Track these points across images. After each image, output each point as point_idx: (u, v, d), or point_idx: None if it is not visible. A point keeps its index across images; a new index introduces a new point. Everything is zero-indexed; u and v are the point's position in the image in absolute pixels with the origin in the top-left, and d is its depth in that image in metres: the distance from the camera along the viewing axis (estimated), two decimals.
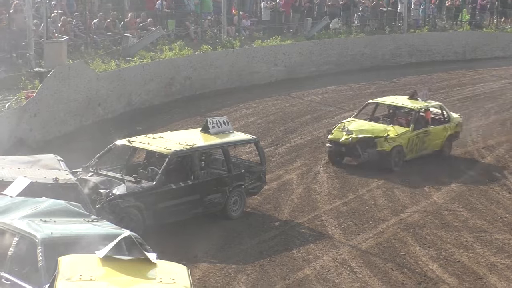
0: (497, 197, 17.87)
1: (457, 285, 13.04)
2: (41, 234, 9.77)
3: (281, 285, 12.66)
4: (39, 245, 9.60)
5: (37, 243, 9.65)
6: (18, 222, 10.16)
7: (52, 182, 12.15)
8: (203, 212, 15.11)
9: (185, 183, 14.81)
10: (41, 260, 9.46)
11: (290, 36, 32.96)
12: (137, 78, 24.12)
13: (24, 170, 12.51)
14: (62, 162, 13.35)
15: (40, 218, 10.27)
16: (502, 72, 35.71)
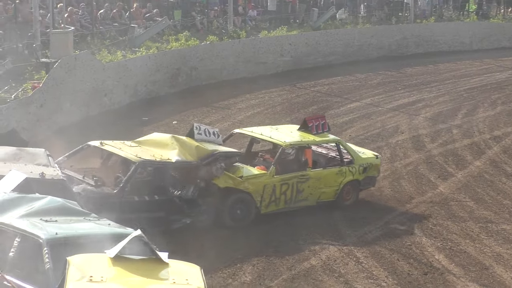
0: (503, 188, 17.84)
1: (463, 276, 13.02)
2: (45, 234, 9.34)
3: (287, 275, 12.65)
4: (44, 246, 9.20)
5: (42, 244, 9.24)
6: (18, 222, 9.72)
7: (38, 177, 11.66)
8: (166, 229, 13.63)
9: (151, 197, 13.76)
10: (48, 262, 9.07)
11: (296, 27, 32.98)
12: (143, 68, 24.12)
13: (10, 164, 12.09)
14: (50, 157, 12.97)
15: (40, 217, 9.86)
16: (509, 62, 35.74)
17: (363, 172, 16.15)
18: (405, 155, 20.02)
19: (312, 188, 15.46)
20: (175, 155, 14.04)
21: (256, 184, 14.70)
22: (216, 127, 19.27)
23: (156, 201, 13.74)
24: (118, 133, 18.83)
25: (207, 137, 14.92)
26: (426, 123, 23.51)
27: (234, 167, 14.79)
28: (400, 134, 22.13)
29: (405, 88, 28.73)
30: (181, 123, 21.68)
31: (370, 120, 23.64)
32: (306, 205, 15.50)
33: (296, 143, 15.62)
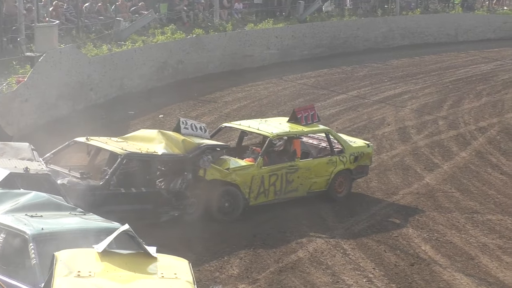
0: (489, 178, 17.93)
1: (449, 266, 13.07)
2: (31, 230, 9.24)
3: (275, 268, 12.67)
4: (30, 242, 9.11)
5: (28, 239, 9.15)
6: (3, 218, 9.58)
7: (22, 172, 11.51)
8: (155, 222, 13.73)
9: (138, 190, 13.75)
10: (35, 258, 9.00)
11: (282, 19, 33.00)
12: (129, 62, 24.09)
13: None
14: (35, 152, 12.86)
15: (25, 212, 9.77)
16: (494, 54, 35.88)
17: (354, 161, 16.13)
18: (391, 147, 20.09)
19: (302, 179, 15.42)
20: (162, 148, 14.07)
21: (243, 175, 14.69)
22: (202, 121, 19.39)
23: (143, 193, 13.74)
24: (104, 127, 18.84)
25: (194, 131, 14.93)
26: (412, 115, 23.57)
27: (221, 159, 14.82)
28: (387, 126, 22.20)
29: (391, 80, 28.79)
30: (168, 117, 21.66)
31: (356, 112, 23.67)
32: (296, 195, 15.47)
33: (283, 134, 15.64)
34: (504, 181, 17.75)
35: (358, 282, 12.33)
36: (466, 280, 12.56)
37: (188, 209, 14.17)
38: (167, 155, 14.06)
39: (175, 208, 14.00)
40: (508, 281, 12.54)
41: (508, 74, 30.63)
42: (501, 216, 15.53)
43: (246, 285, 12.02)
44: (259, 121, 16.49)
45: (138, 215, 13.27)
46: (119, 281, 7.55)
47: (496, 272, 12.88)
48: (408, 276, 12.62)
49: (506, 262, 13.29)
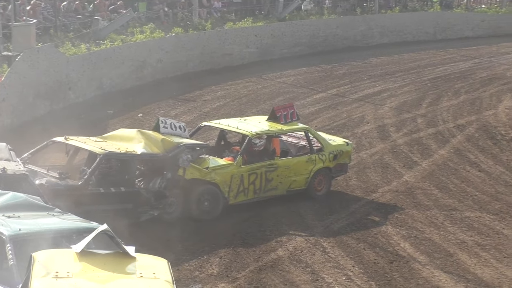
0: (467, 176, 18.02)
1: (428, 263, 13.13)
2: (9, 231, 9.16)
3: (254, 266, 12.68)
4: (8, 243, 9.01)
5: (5, 240, 9.03)
6: None
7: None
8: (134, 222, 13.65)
9: (117, 190, 13.69)
10: (12, 259, 8.88)
11: (261, 18, 33.05)
12: (108, 61, 24.02)
13: None
14: (12, 152, 12.71)
15: (2, 213, 9.67)
16: (472, 52, 36.10)
17: (334, 159, 16.16)
18: (370, 145, 20.16)
19: (282, 177, 15.43)
20: (141, 148, 14.04)
21: (223, 174, 14.68)
22: (182, 120, 19.37)
23: (122, 193, 13.71)
24: (83, 127, 18.78)
25: (173, 130, 14.92)
26: (391, 113, 23.65)
27: (200, 159, 14.81)
28: (366, 124, 22.26)
29: (370, 78, 28.88)
30: (147, 116, 21.64)
31: (336, 110, 23.72)
32: (276, 194, 15.49)
33: (263, 133, 15.64)
34: (482, 179, 17.84)
35: (338, 280, 12.35)
36: (444, 277, 12.63)
37: (168, 208, 14.15)
38: (147, 154, 14.04)
39: (155, 208, 13.97)
40: (486, 278, 12.63)
41: (486, 72, 30.83)
42: (479, 213, 15.62)
43: (226, 284, 12.02)
44: (239, 120, 16.50)
45: (117, 215, 13.19)
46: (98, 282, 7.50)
47: (475, 269, 12.96)
48: (387, 274, 12.65)
49: (484, 258, 13.37)
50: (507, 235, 14.49)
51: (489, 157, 19.52)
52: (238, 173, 14.84)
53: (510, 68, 31.75)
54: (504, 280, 12.59)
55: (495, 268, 13.02)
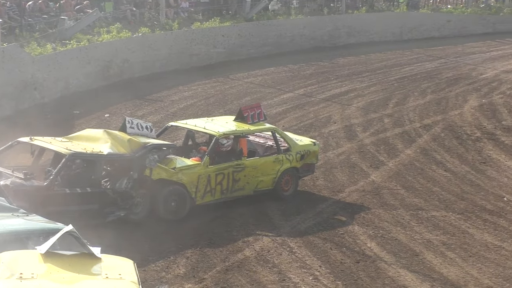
0: (433, 175, 18.16)
1: (394, 263, 13.20)
2: None
3: (221, 267, 12.70)
4: None
5: None
6: None
7: None
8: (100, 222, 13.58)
9: (83, 190, 13.65)
10: None
11: (229, 18, 33.06)
12: (74, 61, 23.92)
13: None
14: None
15: None
16: (438, 52, 36.41)
17: (301, 159, 16.20)
18: (337, 145, 20.24)
19: (249, 177, 15.45)
20: (107, 148, 14.00)
21: (189, 175, 14.65)
22: (149, 120, 19.32)
23: (88, 193, 13.65)
24: (49, 127, 18.69)
25: (140, 131, 14.88)
26: (358, 113, 23.78)
27: (167, 159, 14.78)
28: (333, 124, 22.35)
29: (337, 78, 29.01)
30: (114, 116, 21.59)
31: (303, 110, 23.81)
32: (243, 194, 15.49)
33: (230, 133, 15.65)
34: (448, 178, 17.99)
35: (304, 280, 12.40)
36: (410, 276, 12.69)
37: (134, 209, 14.10)
38: (113, 154, 14.00)
39: (121, 208, 13.93)
40: (451, 277, 12.72)
41: (452, 72, 31.08)
42: (445, 212, 15.74)
43: (193, 285, 12.02)
44: (206, 120, 16.49)
45: (83, 216, 13.20)
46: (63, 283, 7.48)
47: (440, 268, 13.05)
48: (354, 273, 12.71)
49: (450, 258, 13.47)
50: (472, 234, 14.61)
51: (455, 157, 19.68)
52: (205, 174, 14.82)
53: (475, 68, 32.07)
54: (470, 279, 12.70)
55: (460, 267, 13.12)
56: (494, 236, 14.54)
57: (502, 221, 15.34)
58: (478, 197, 16.73)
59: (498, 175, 18.38)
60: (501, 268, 13.17)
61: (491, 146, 20.68)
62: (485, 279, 12.72)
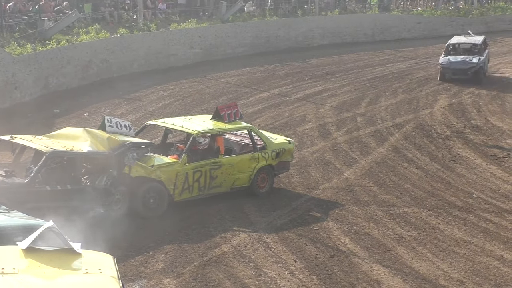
0: (404, 173, 18.30)
1: (367, 257, 13.31)
2: None
3: (199, 262, 12.77)
4: None
5: None
6: None
7: None
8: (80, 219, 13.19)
9: (63, 187, 13.73)
10: None
11: (205, 19, 33.16)
12: (54, 61, 23.99)
13: None
14: None
15: None
16: (409, 53, 36.53)
17: (276, 157, 16.40)
18: (312, 143, 20.37)
19: (226, 175, 15.61)
20: (87, 146, 14.08)
21: (168, 172, 14.82)
22: (127, 119, 19.40)
23: (69, 190, 13.74)
24: (30, 126, 18.74)
25: (119, 129, 14.98)
26: (331, 112, 23.91)
27: (146, 157, 14.92)
28: (307, 122, 22.49)
29: (311, 78, 29.14)
30: (93, 115, 21.63)
31: (278, 109, 23.94)
32: (220, 191, 15.66)
33: (207, 131, 15.80)
34: (419, 175, 18.15)
35: (280, 274, 12.49)
36: (383, 270, 12.82)
37: (114, 205, 14.24)
38: (92, 152, 14.09)
39: (101, 205, 14.05)
40: (423, 271, 12.88)
41: (423, 72, 31.27)
42: (416, 208, 15.89)
43: (171, 279, 12.11)
44: (183, 118, 16.62)
45: (63, 212, 13.09)
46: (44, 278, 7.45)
47: (412, 263, 13.20)
48: (328, 268, 12.82)
49: (421, 253, 13.62)
50: (443, 230, 14.78)
51: (425, 155, 19.85)
52: (183, 171, 14.99)
53: None
54: (440, 273, 12.87)
55: (431, 262, 13.27)
56: (464, 232, 14.72)
57: (472, 217, 15.54)
58: (448, 194, 16.92)
59: (467, 172, 18.60)
60: (470, 262, 13.35)
61: (460, 145, 20.92)
62: (455, 273, 12.89)
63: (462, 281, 12.66)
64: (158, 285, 11.98)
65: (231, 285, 12.13)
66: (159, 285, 11.99)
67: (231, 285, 12.14)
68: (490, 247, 14.07)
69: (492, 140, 21.65)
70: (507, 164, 19.43)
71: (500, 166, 19.25)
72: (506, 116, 24.61)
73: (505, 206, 16.32)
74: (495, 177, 18.32)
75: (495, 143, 21.40)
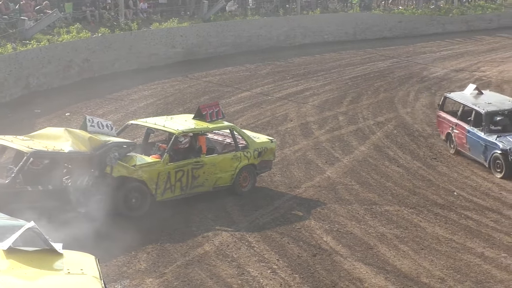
0: (386, 171, 18.38)
1: (349, 256, 13.38)
2: None
3: (181, 261, 12.80)
4: None
5: None
6: None
7: None
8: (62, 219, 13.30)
9: (45, 187, 13.75)
10: None
11: (187, 19, 33.11)
12: (35, 61, 23.91)
13: None
14: None
15: None
16: (390, 51, 36.58)
17: (258, 156, 16.44)
18: (294, 142, 20.40)
19: (208, 174, 15.60)
20: (68, 146, 14.07)
21: (149, 172, 14.80)
22: (109, 118, 19.36)
23: (50, 190, 13.71)
24: (10, 126, 18.68)
25: (100, 129, 14.97)
26: (313, 111, 23.95)
27: (127, 156, 14.91)
28: (289, 121, 22.53)
29: (293, 77, 29.15)
30: (74, 115, 21.58)
31: (260, 108, 23.97)
32: (202, 191, 15.65)
33: (189, 131, 15.80)
34: (400, 174, 18.23)
35: (263, 273, 12.54)
36: (365, 268, 12.91)
37: (95, 205, 14.15)
38: (74, 152, 14.07)
39: (82, 205, 14.01)
40: (404, 269, 12.96)
41: (404, 71, 31.33)
42: (398, 207, 15.98)
43: (154, 279, 12.12)
44: (165, 118, 16.62)
45: (44, 213, 13.06)
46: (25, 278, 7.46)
47: (394, 261, 13.28)
48: (311, 267, 12.89)
49: (403, 251, 13.71)
50: (424, 227, 14.87)
51: (407, 153, 19.93)
52: (165, 171, 14.99)
53: (426, 68, 32.28)
54: (422, 271, 12.95)
55: (413, 260, 13.36)
56: (445, 229, 14.83)
57: (453, 214, 15.65)
58: (429, 192, 17.02)
59: (448, 170, 18.70)
60: (452, 260, 13.45)
61: (441, 143, 20.90)
62: (436, 270, 12.98)
63: (444, 279, 12.73)
64: (141, 285, 11.99)
65: (213, 285, 12.15)
66: (141, 285, 12.00)
67: (214, 284, 12.17)
68: (471, 245, 14.18)
69: None
70: None
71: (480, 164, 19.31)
72: None
73: (486, 204, 16.43)
74: (476, 175, 18.43)
75: None
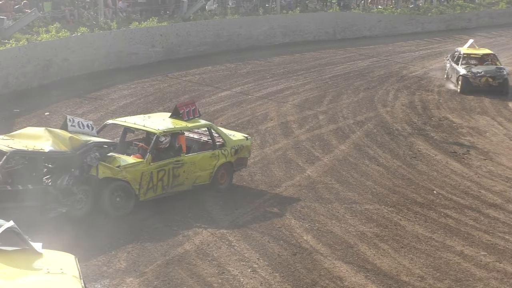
0: (366, 170, 18.44)
1: (330, 254, 13.41)
2: None
3: (162, 261, 12.79)
4: None
5: None
6: None
7: None
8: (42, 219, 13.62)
9: (25, 187, 13.59)
10: None
11: (167, 18, 33.12)
12: (14, 60, 23.82)
13: None
14: None
15: None
16: (369, 51, 36.78)
17: (235, 154, 16.59)
18: (274, 141, 20.44)
19: (188, 173, 15.68)
20: (48, 145, 14.01)
21: (133, 172, 14.83)
22: (89, 118, 19.32)
23: (30, 190, 13.64)
24: None
25: (81, 129, 14.94)
26: (293, 110, 24.01)
27: (110, 157, 14.89)
28: (269, 121, 22.57)
29: (273, 76, 29.24)
30: (54, 114, 21.51)
31: (240, 108, 24.01)
32: (182, 189, 15.72)
33: (169, 130, 15.80)
34: (380, 172, 18.32)
35: (243, 272, 12.55)
36: (345, 267, 12.93)
37: (76, 205, 14.18)
38: (54, 152, 14.03)
39: (63, 205, 13.98)
40: (384, 267, 13.02)
41: (384, 70, 31.53)
42: (378, 205, 16.03)
43: (134, 279, 12.10)
44: (143, 117, 16.63)
45: (24, 212, 13.20)
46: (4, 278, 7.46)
47: (374, 259, 13.33)
48: (291, 265, 12.90)
49: (383, 249, 13.76)
50: (404, 226, 14.93)
51: (387, 152, 20.03)
52: (148, 171, 15.02)
53: (405, 67, 32.51)
54: (402, 269, 13.00)
55: (393, 258, 13.41)
56: (425, 228, 14.89)
57: (432, 213, 15.73)
58: (409, 191, 17.09)
59: (428, 169, 18.79)
60: (431, 258, 13.51)
61: (421, 141, 21.13)
62: (416, 269, 13.04)
63: (423, 277, 12.79)
64: (121, 285, 11.96)
65: (194, 284, 12.15)
66: (121, 284, 11.98)
67: (194, 283, 12.16)
68: (450, 243, 14.26)
69: (452, 137, 21.89)
70: (467, 161, 19.68)
71: (460, 162, 19.48)
72: (466, 113, 24.92)
73: (465, 202, 16.54)
74: (455, 174, 18.54)
75: (455, 140, 21.64)
